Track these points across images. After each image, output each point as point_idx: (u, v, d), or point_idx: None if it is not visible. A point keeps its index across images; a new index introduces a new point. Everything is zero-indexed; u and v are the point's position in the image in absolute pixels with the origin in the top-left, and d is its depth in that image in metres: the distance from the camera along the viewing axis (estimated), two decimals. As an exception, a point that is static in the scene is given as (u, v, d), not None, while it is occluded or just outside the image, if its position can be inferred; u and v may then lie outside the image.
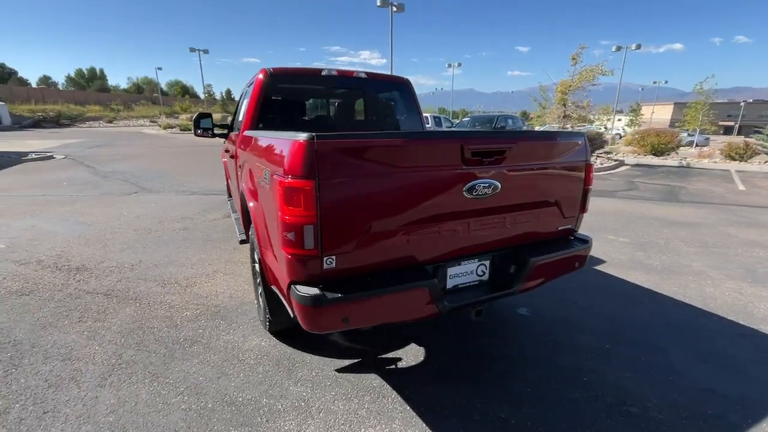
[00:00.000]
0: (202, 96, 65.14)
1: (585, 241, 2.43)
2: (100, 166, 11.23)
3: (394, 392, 2.17)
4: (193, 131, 4.35)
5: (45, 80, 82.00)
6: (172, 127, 33.28)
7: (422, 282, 1.81)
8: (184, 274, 3.76)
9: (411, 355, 2.52)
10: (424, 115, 15.03)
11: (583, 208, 2.42)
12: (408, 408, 2.05)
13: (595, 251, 4.43)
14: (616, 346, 2.63)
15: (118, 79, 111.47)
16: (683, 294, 3.42)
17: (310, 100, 3.75)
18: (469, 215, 1.96)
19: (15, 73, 62.61)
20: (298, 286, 1.66)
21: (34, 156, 13.24)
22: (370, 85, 3.82)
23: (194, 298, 3.27)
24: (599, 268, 4.01)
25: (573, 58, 12.75)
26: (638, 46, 26.86)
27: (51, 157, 13.26)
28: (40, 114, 37.33)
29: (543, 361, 2.46)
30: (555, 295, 3.37)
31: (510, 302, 3.22)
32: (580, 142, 2.31)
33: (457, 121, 17.47)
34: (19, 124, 35.04)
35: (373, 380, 2.27)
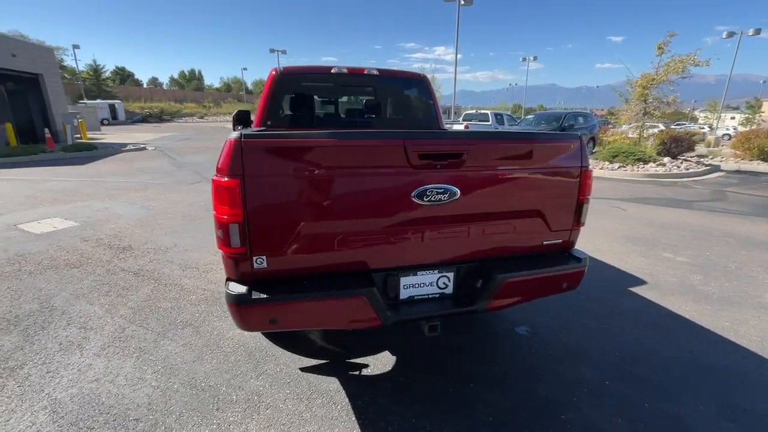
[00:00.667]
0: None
1: (577, 259, 2.12)
2: (180, 157, 12.62)
3: (347, 399, 2.11)
4: (232, 127, 4.64)
5: (153, 81, 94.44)
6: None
7: (359, 290, 1.72)
8: (206, 260, 4.06)
9: (381, 363, 2.43)
10: (485, 112, 14.35)
11: (578, 221, 2.10)
12: (353, 418, 1.98)
13: (637, 269, 3.88)
14: (618, 383, 2.26)
15: (212, 79, 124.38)
16: (735, 331, 2.82)
17: (321, 98, 3.78)
18: (423, 222, 1.81)
19: (132, 75, 72.98)
20: (230, 284, 1.69)
21: (131, 147, 15.34)
22: (382, 82, 3.74)
23: (205, 284, 3.52)
24: (636, 289, 3.48)
25: (659, 48, 11.16)
26: (757, 31, 22.67)
27: (144, 149, 15.25)
28: (147, 111, 43.08)
29: (521, 389, 2.21)
30: (565, 314, 3.01)
31: (509, 317, 2.95)
32: (572, 145, 2.00)
33: (520, 119, 16.42)
34: (131, 119, 40.74)
35: (331, 384, 2.23)
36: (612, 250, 4.51)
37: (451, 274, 1.98)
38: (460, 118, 17.12)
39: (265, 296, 1.63)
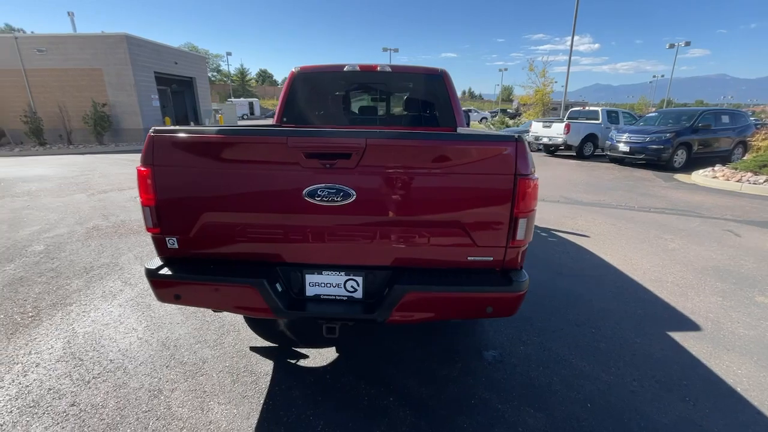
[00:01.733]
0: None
1: (507, 282, 1.81)
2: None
3: (268, 383, 2.22)
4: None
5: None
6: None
7: (249, 280, 1.80)
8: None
9: (321, 358, 2.46)
10: (594, 109, 12.64)
11: (514, 238, 1.79)
12: (260, 401, 2.08)
13: (698, 313, 3.05)
14: (566, 439, 1.86)
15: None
16: (802, 416, 2.02)
17: (333, 95, 3.87)
18: (321, 222, 1.79)
19: (271, 76, 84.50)
20: (154, 259, 1.94)
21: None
22: (395, 79, 3.66)
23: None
24: (679, 336, 2.74)
25: None
26: None
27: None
28: (277, 107, 49.19)
29: (442, 417, 2.00)
30: (554, 346, 2.57)
31: (481, 339, 2.66)
32: (503, 149, 1.71)
33: (641, 117, 13.86)
34: (265, 114, 47.14)
35: (265, 366, 2.37)
36: (679, 282, 3.60)
37: (360, 279, 1.91)
38: (565, 116, 15.32)
39: (169, 273, 1.84)
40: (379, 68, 3.57)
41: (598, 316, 2.98)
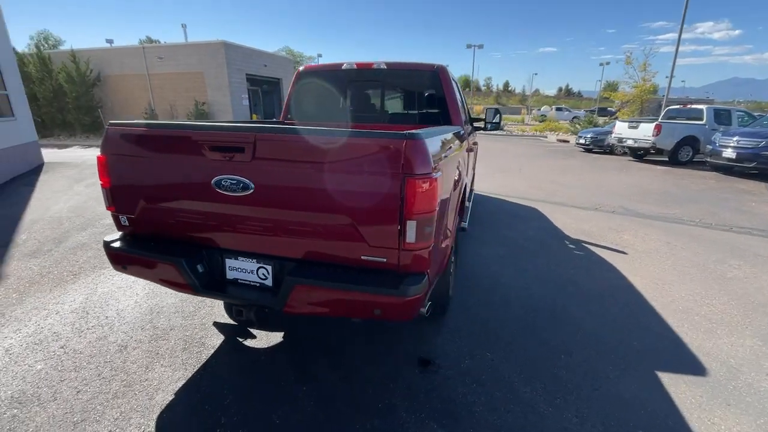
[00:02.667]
0: (482, 89, 69.96)
1: (393, 286, 1.72)
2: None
3: (208, 356, 2.44)
4: None
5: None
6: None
7: (170, 258, 2.01)
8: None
9: (266, 341, 2.61)
10: (698, 107, 10.91)
11: (404, 241, 1.71)
12: (194, 371, 2.30)
13: (721, 354, 2.52)
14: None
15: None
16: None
17: (333, 94, 3.93)
18: (230, 211, 1.92)
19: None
20: (114, 234, 2.28)
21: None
22: (390, 76, 3.63)
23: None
24: (670, 378, 2.28)
25: None
26: None
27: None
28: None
29: (341, 421, 1.99)
30: (504, 366, 2.35)
31: (429, 346, 2.54)
32: (390, 147, 1.63)
33: (761, 117, 11.33)
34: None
35: (215, 340, 2.60)
36: (713, 317, 2.97)
37: (269, 267, 2.00)
38: (660, 115, 13.26)
39: (116, 246, 2.15)
40: (375, 66, 3.58)
41: (580, 342, 2.63)
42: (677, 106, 13.38)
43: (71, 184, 7.34)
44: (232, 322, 2.84)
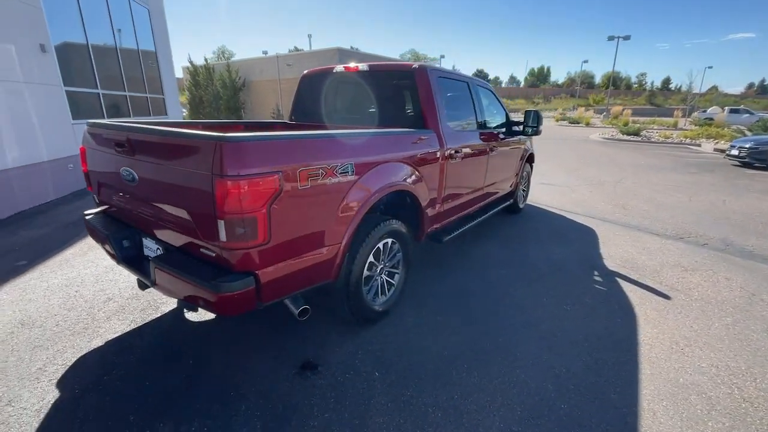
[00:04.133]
0: (632, 86, 59.96)
1: (209, 279, 1.79)
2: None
3: (151, 318, 2.88)
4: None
5: (512, 79, 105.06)
6: (563, 120, 34.37)
7: (104, 232, 2.47)
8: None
9: (201, 316, 2.94)
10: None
11: (218, 239, 1.77)
12: (130, 327, 2.76)
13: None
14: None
15: (559, 74, 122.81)
16: None
17: (326, 96, 3.96)
18: (133, 197, 2.27)
19: (486, 76, 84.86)
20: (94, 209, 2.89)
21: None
22: (371, 78, 3.54)
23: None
24: None
25: None
26: None
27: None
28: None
29: (183, 406, 2.15)
30: (352, 403, 2.15)
31: (333, 350, 2.49)
32: (205, 147, 1.70)
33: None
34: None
35: (167, 307, 3.04)
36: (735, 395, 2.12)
37: (161, 248, 2.29)
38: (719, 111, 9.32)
39: (87, 218, 2.73)
40: (359, 68, 3.58)
41: (487, 390, 2.23)
42: (738, 107, 9.23)
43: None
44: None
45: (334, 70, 3.75)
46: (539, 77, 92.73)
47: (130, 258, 2.45)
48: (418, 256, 4.10)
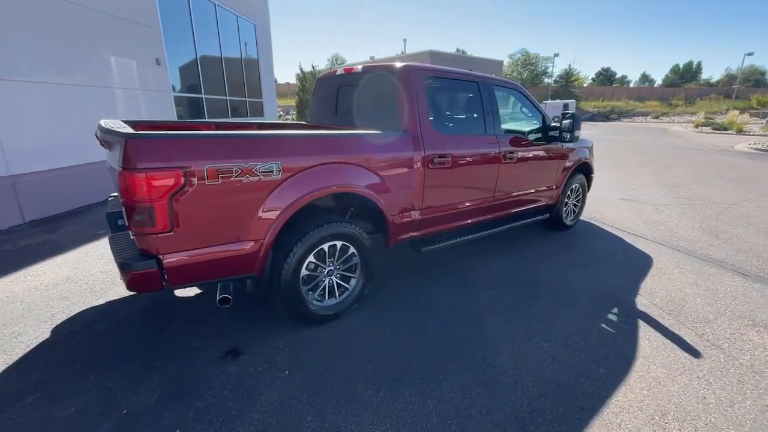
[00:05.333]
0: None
1: (124, 258, 2.05)
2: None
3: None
4: None
5: (644, 78, 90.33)
6: (705, 125, 28.36)
7: (107, 211, 2.99)
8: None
9: (185, 293, 3.32)
10: None
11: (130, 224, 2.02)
12: (102, 301, 3.28)
13: None
14: None
15: (714, 71, 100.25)
16: None
17: (330, 98, 3.93)
18: (114, 182, 2.71)
19: (614, 74, 74.56)
20: None
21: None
22: (362, 79, 3.46)
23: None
24: None
25: None
26: None
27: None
28: (597, 109, 44.18)
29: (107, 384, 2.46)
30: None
31: (256, 339, 2.60)
32: (118, 142, 1.95)
33: None
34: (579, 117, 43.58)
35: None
36: None
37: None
38: None
39: (109, 199, 3.33)
40: (355, 70, 3.58)
41: (382, 414, 2.05)
42: None
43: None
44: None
45: (337, 73, 3.83)
46: (684, 75, 77.72)
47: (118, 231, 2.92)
48: (410, 263, 3.94)
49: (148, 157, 1.95)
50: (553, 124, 4.26)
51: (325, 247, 2.70)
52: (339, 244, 2.77)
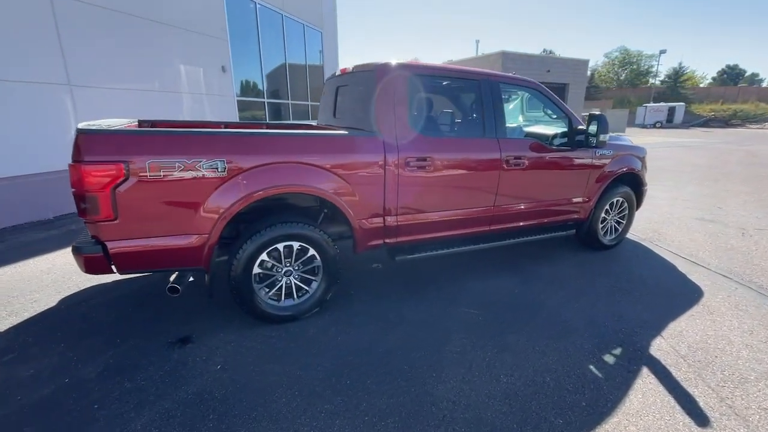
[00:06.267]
0: None
1: (73, 246, 2.25)
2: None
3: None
4: None
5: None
6: None
7: None
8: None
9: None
10: None
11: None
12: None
13: None
14: None
15: None
16: None
17: (332, 98, 3.82)
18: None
19: (742, 73, 62.77)
20: None
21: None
22: (353, 79, 3.34)
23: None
24: None
25: None
26: None
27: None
28: (712, 113, 37.83)
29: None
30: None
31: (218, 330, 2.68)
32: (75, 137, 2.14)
33: None
34: (689, 122, 37.86)
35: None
36: None
37: None
38: None
39: None
40: (347, 70, 3.50)
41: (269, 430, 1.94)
42: None
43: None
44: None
45: (336, 74, 3.80)
46: None
47: None
48: (400, 274, 3.74)
49: (94, 150, 2.13)
50: (580, 127, 3.71)
51: (280, 247, 2.68)
52: (296, 245, 2.73)
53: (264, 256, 2.65)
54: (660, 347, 2.64)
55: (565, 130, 3.77)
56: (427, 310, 3.07)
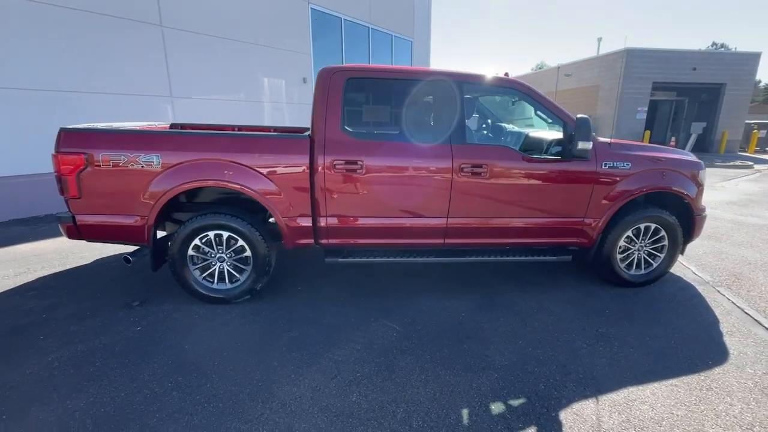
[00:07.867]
0: None
1: (57, 216, 2.93)
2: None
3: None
4: None
5: None
6: None
7: None
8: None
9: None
10: None
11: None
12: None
13: None
14: None
15: None
16: None
17: None
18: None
19: None
20: None
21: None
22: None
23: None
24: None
25: None
26: None
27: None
28: None
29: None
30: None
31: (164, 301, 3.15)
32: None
33: None
34: None
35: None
36: None
37: None
38: None
39: None
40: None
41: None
42: None
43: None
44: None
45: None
46: None
47: None
48: (361, 283, 3.70)
49: (66, 144, 2.77)
50: (565, 135, 3.10)
51: (211, 234, 3.00)
52: (225, 234, 3.01)
53: (197, 241, 3.00)
54: (580, 425, 2.06)
55: (558, 137, 3.20)
56: (347, 317, 3.00)
